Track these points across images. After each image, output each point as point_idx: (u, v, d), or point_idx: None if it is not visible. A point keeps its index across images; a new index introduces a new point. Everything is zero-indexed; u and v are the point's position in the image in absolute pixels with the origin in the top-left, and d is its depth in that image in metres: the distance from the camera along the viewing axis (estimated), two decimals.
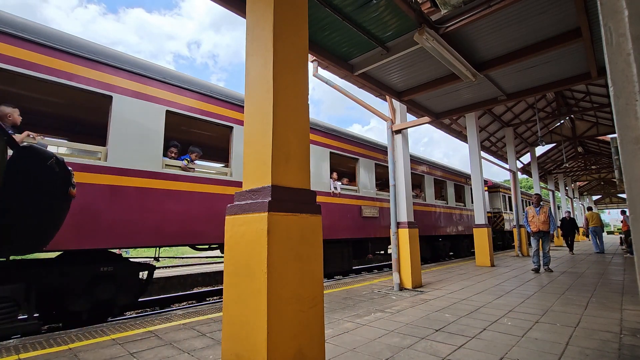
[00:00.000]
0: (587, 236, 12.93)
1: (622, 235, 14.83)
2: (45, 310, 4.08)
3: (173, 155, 4.89)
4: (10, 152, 2.63)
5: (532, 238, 7.25)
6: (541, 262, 7.14)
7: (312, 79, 4.99)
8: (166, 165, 4.58)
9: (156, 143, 4.47)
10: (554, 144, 15.50)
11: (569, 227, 12.20)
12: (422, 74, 5.28)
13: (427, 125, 7.25)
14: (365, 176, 8.06)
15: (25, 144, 2.90)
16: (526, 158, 16.21)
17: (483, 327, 3.17)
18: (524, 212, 7.60)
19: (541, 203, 7.26)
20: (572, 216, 12.41)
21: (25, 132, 3.57)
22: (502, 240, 16.10)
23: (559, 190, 21.25)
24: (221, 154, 7.58)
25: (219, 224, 4.91)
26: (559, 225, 14.08)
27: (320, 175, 6.76)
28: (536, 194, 7.41)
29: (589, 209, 13.27)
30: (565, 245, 11.80)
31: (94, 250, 4.12)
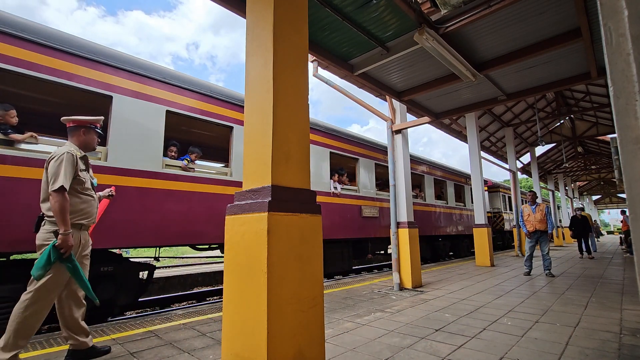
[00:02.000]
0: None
1: (622, 235, 14.85)
2: None
3: (173, 154, 4.89)
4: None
5: (527, 240, 6.67)
6: (538, 264, 7.00)
7: (311, 79, 5.00)
8: (166, 165, 4.58)
9: (156, 143, 4.46)
10: (553, 144, 15.51)
11: (580, 226, 10.75)
12: (422, 74, 5.28)
13: (426, 125, 7.25)
14: (365, 176, 8.05)
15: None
16: (526, 158, 16.23)
17: (483, 327, 3.17)
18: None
19: (537, 201, 6.85)
20: (582, 214, 11.14)
21: (28, 133, 3.59)
22: (502, 240, 16.10)
23: (558, 190, 21.26)
24: (221, 154, 7.58)
25: (219, 224, 4.90)
26: (567, 225, 13.81)
27: (320, 175, 6.76)
28: (531, 191, 7.01)
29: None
30: (578, 248, 11.06)
31: (94, 250, 4.10)
